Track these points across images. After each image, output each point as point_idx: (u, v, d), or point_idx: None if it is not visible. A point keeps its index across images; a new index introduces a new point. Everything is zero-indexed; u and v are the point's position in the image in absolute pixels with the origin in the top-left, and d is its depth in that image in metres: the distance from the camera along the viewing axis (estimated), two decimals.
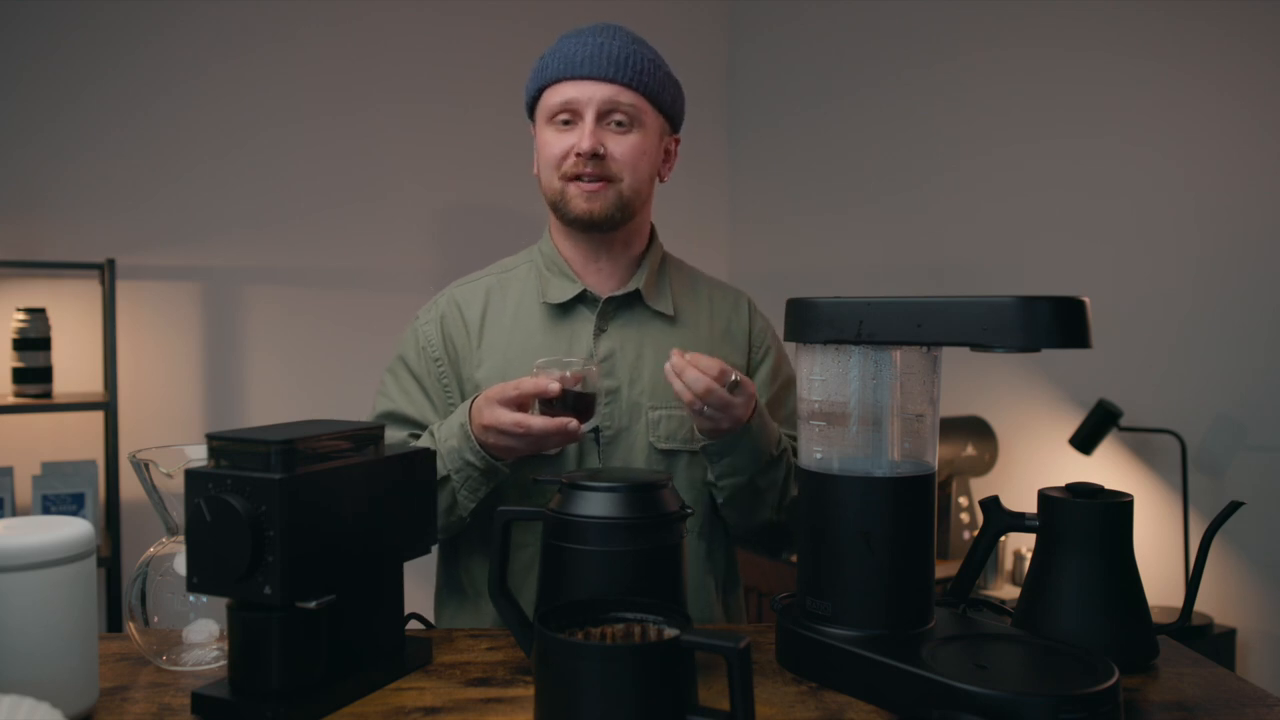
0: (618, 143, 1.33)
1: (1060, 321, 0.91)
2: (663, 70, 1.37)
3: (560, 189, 1.35)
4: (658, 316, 1.40)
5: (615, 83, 1.32)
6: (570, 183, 1.33)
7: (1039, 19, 2.73)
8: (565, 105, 1.33)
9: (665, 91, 1.37)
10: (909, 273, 3.10)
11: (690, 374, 1.18)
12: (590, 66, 1.32)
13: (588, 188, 1.33)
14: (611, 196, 1.34)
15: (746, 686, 0.76)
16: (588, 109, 1.32)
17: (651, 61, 1.35)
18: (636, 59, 1.33)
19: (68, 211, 2.86)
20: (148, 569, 1.05)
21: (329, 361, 3.15)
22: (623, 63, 1.32)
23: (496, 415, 1.19)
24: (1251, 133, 2.28)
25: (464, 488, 1.26)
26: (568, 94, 1.33)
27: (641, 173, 1.36)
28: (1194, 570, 1.09)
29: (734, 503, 1.35)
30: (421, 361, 1.40)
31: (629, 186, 1.34)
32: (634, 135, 1.34)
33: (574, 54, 1.33)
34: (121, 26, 2.91)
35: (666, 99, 1.38)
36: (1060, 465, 2.63)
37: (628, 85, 1.33)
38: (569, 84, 1.33)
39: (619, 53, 1.33)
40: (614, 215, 1.34)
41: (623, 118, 1.33)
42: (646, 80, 1.34)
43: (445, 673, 1.03)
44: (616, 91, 1.32)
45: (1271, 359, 2.25)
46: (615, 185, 1.34)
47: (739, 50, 3.79)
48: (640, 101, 1.34)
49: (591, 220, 1.34)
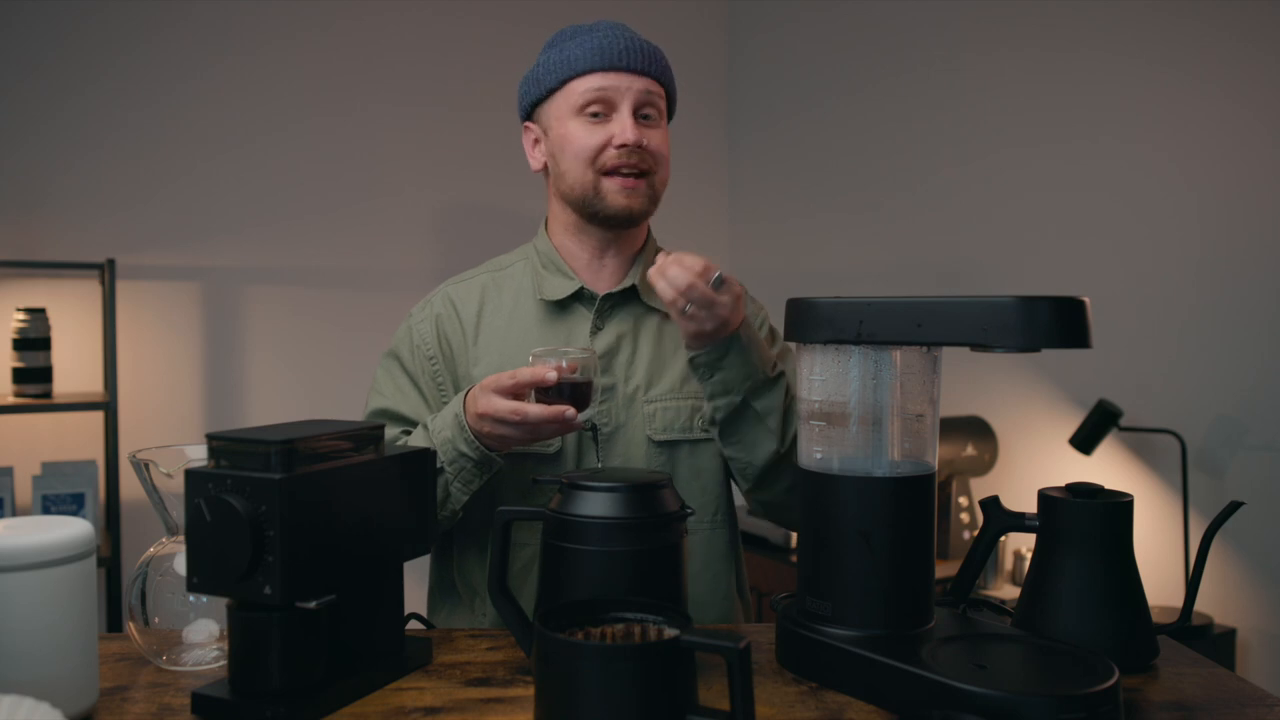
0: (651, 136, 1.33)
1: (1060, 321, 0.91)
2: (671, 70, 1.40)
3: (594, 183, 1.32)
4: (653, 312, 1.40)
5: (648, 76, 1.33)
6: (606, 177, 1.32)
7: (1040, 19, 2.72)
8: (600, 96, 1.31)
9: (673, 90, 1.40)
10: (909, 272, 3.10)
11: (673, 270, 1.16)
12: (627, 59, 1.32)
13: (628, 183, 1.32)
14: (646, 191, 1.34)
15: (746, 686, 0.76)
16: (624, 100, 1.31)
17: (666, 56, 1.38)
18: (659, 54, 1.36)
19: (68, 211, 2.86)
20: (148, 569, 1.05)
21: (329, 361, 3.15)
22: (653, 56, 1.34)
23: (493, 404, 1.18)
24: (1252, 133, 2.28)
25: (457, 479, 1.25)
26: (603, 84, 1.31)
27: (667, 166, 1.38)
28: (1194, 570, 1.09)
29: (732, 432, 1.28)
30: (416, 360, 1.40)
31: (660, 180, 1.36)
32: (660, 129, 1.36)
33: (609, 45, 1.32)
34: (121, 26, 2.91)
35: (674, 95, 1.41)
36: (1060, 465, 2.63)
37: (656, 79, 1.35)
38: (603, 75, 1.32)
39: (648, 46, 1.35)
40: (647, 209, 1.36)
41: (652, 111, 1.34)
42: (668, 75, 1.37)
43: (445, 673, 1.03)
44: (650, 84, 1.34)
45: (1271, 359, 2.25)
46: (650, 179, 1.34)
47: (739, 50, 3.79)
48: (664, 96, 1.37)
49: (630, 216, 1.34)
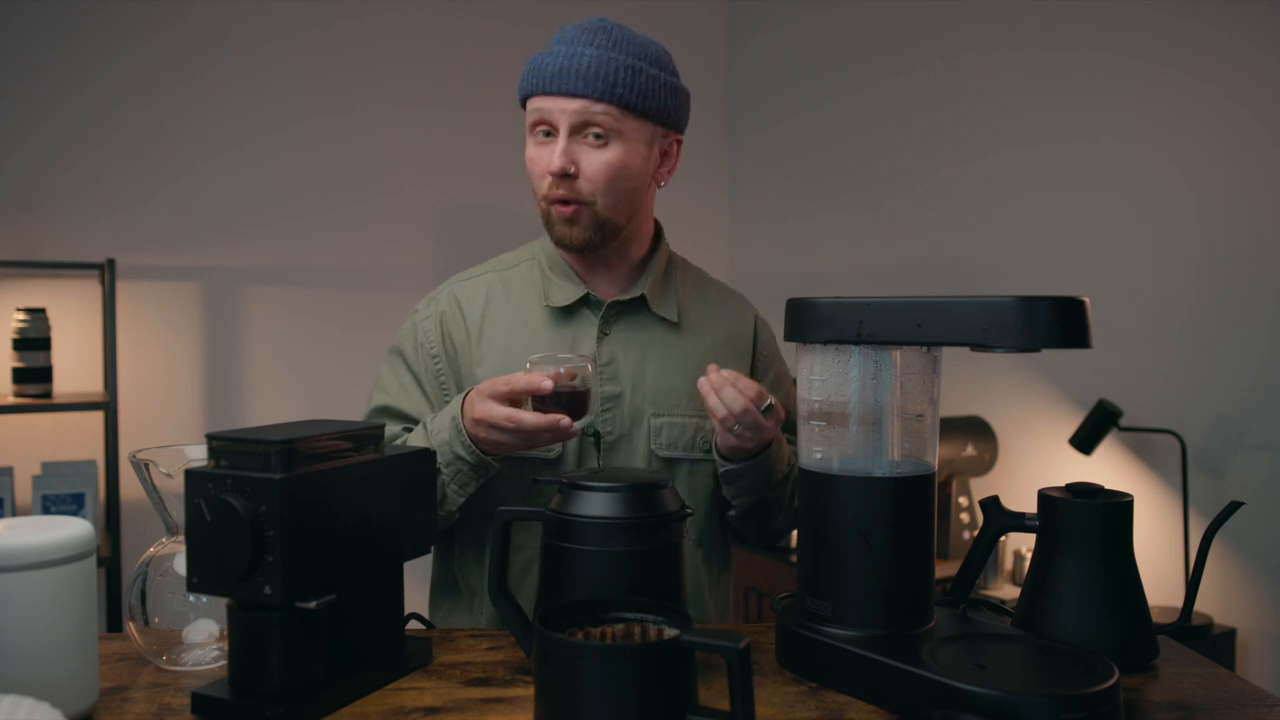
0: (591, 159, 1.28)
1: (1060, 321, 0.91)
2: (645, 75, 1.28)
3: (545, 211, 1.33)
4: (662, 322, 1.39)
5: (585, 96, 1.26)
6: (551, 205, 1.31)
7: (1040, 19, 2.72)
8: (540, 119, 1.30)
9: (650, 98, 1.29)
10: (909, 272, 3.10)
11: (729, 392, 1.19)
12: (558, 82, 1.26)
13: (563, 210, 1.30)
14: (586, 220, 1.30)
15: (746, 686, 0.76)
16: (560, 124, 1.28)
17: (630, 69, 1.27)
18: (610, 68, 1.26)
19: (68, 211, 2.86)
20: (148, 569, 1.05)
21: (329, 361, 3.15)
22: (593, 75, 1.26)
23: (489, 409, 1.18)
24: (1252, 133, 2.28)
25: (453, 481, 1.25)
26: (542, 106, 1.29)
27: (619, 189, 1.30)
28: (1194, 570, 1.09)
29: (747, 518, 1.39)
30: (420, 358, 1.39)
31: (604, 206, 1.30)
32: (611, 149, 1.28)
33: (545, 67, 1.28)
34: (121, 26, 2.91)
35: (653, 105, 1.30)
36: (1060, 465, 2.63)
37: (599, 99, 1.26)
38: (543, 98, 1.29)
39: (590, 64, 1.26)
40: (592, 238, 1.31)
41: (599, 130, 1.27)
42: (621, 91, 1.26)
43: (445, 673, 1.03)
44: (587, 105, 1.26)
45: (1271, 359, 2.25)
46: (589, 207, 1.29)
47: (739, 50, 3.79)
48: (615, 113, 1.27)
49: (572, 244, 1.32)
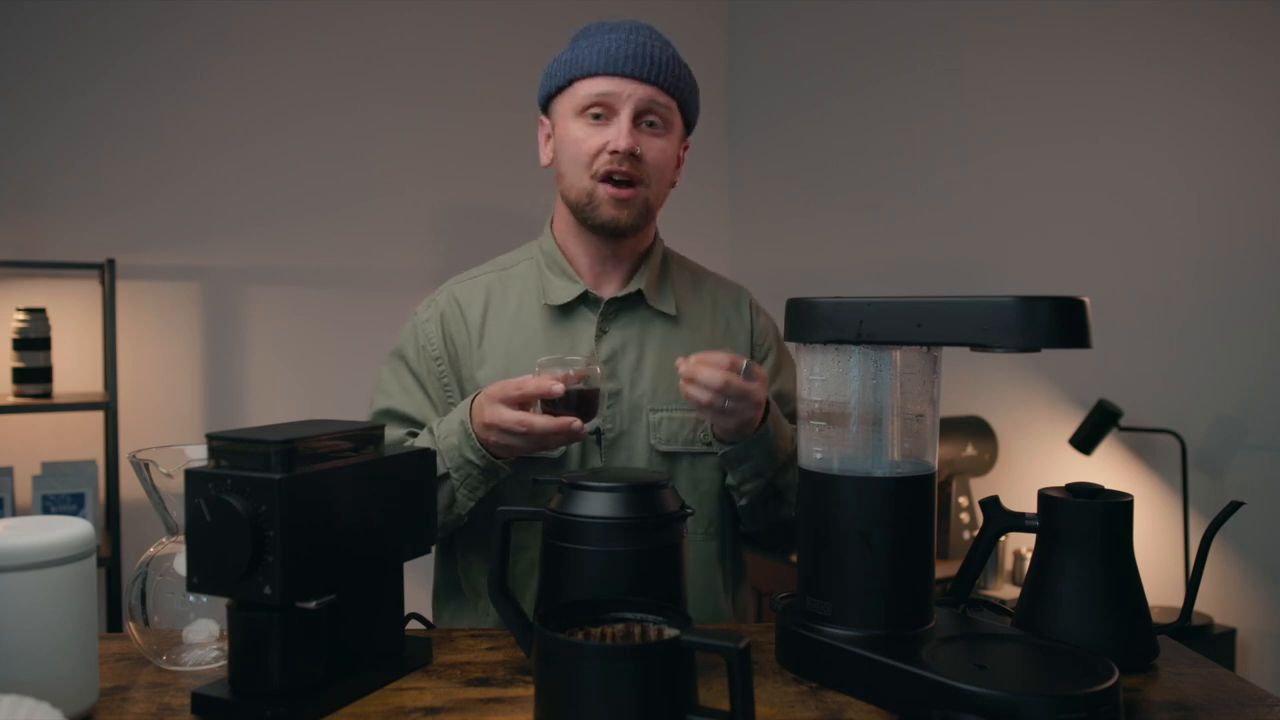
0: (649, 145, 1.32)
1: (1060, 321, 0.91)
2: (691, 79, 1.36)
3: (589, 190, 1.32)
4: (660, 316, 1.40)
5: (654, 84, 1.31)
6: (601, 184, 1.31)
7: (1040, 19, 2.72)
8: (601, 99, 1.31)
9: (693, 97, 1.37)
10: (909, 272, 3.10)
11: (704, 372, 1.16)
12: (633, 65, 1.30)
13: (619, 193, 1.31)
14: (639, 203, 1.33)
15: (746, 686, 0.76)
16: (624, 106, 1.30)
17: (684, 65, 1.35)
18: (674, 62, 1.33)
19: (68, 211, 2.86)
20: (148, 569, 1.05)
21: (329, 361, 3.15)
22: (663, 65, 1.31)
23: (499, 414, 1.17)
24: (1252, 133, 2.28)
25: (463, 486, 1.25)
26: (605, 88, 1.30)
27: (665, 178, 1.35)
28: (1194, 570, 1.09)
29: (756, 506, 1.35)
30: (421, 360, 1.39)
31: (654, 192, 1.34)
32: (663, 139, 1.33)
33: (616, 49, 1.30)
34: (121, 26, 2.91)
35: (692, 105, 1.38)
36: (1060, 465, 2.63)
37: (664, 88, 1.32)
38: (607, 79, 1.30)
39: (659, 54, 1.31)
40: (638, 223, 1.34)
41: (656, 119, 1.32)
42: (680, 85, 1.33)
43: (445, 673, 1.03)
44: (654, 93, 1.31)
45: (1271, 359, 2.25)
46: (643, 190, 1.32)
47: (739, 50, 3.79)
48: (673, 105, 1.34)
49: (618, 228, 1.33)
